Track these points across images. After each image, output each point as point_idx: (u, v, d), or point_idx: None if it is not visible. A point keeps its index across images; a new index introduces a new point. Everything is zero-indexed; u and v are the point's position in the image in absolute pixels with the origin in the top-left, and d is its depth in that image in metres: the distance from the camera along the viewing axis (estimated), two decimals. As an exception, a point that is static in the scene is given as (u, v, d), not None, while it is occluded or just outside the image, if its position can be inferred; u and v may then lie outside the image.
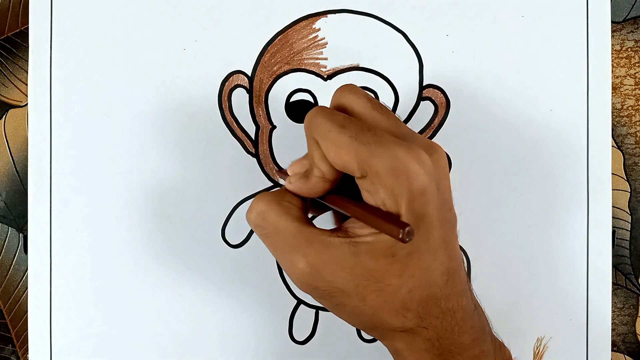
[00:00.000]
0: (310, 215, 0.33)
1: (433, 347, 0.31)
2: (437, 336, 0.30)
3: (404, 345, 0.31)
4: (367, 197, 0.29)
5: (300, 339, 0.41)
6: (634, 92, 0.42)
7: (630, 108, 0.42)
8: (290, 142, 0.41)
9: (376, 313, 0.30)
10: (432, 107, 0.41)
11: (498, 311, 0.41)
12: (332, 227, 0.31)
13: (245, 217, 0.32)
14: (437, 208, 0.29)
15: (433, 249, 0.29)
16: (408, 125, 0.41)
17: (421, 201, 0.28)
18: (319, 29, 0.41)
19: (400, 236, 0.26)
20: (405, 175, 0.28)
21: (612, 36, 0.42)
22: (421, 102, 0.41)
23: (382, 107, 0.31)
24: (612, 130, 0.42)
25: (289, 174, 0.33)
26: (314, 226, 0.30)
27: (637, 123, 0.42)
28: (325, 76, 0.41)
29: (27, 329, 0.41)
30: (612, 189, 0.41)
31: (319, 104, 0.41)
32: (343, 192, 0.31)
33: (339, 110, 0.31)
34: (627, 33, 0.42)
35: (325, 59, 0.41)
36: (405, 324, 0.30)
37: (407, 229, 0.26)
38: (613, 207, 0.42)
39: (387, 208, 0.28)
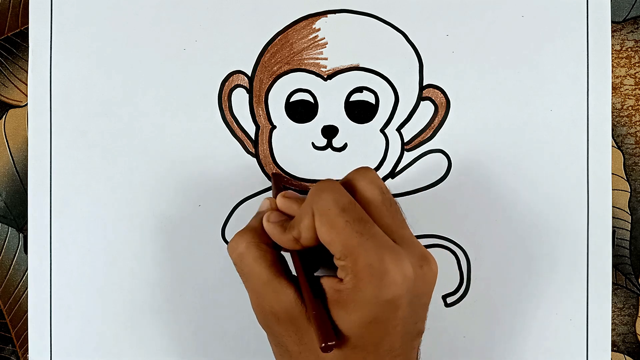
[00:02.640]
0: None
1: None
2: None
3: None
4: (339, 272, 0.30)
5: (300, 339, 0.41)
6: (634, 92, 0.42)
7: (630, 108, 0.42)
8: (290, 142, 0.41)
9: None
10: (432, 107, 0.41)
11: (498, 311, 0.41)
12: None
13: (227, 249, 0.34)
14: (401, 319, 0.30)
15: (379, 355, 0.30)
16: (408, 124, 0.41)
17: (384, 309, 0.29)
18: (319, 29, 0.41)
19: (321, 346, 0.28)
20: (379, 279, 0.28)
21: (612, 36, 0.42)
22: (421, 102, 0.41)
23: (392, 204, 0.32)
24: (612, 130, 0.42)
25: (277, 204, 0.34)
26: (284, 277, 0.32)
27: (637, 123, 0.42)
28: (325, 76, 0.41)
29: (27, 329, 0.41)
30: (612, 189, 0.41)
31: (319, 104, 0.41)
32: (307, 256, 0.33)
33: (349, 187, 0.32)
34: (627, 33, 0.42)
35: (325, 59, 0.41)
36: None
37: (328, 344, 0.28)
38: (613, 207, 0.42)
39: (345, 293, 0.29)
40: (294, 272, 0.33)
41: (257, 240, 0.32)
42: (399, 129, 0.41)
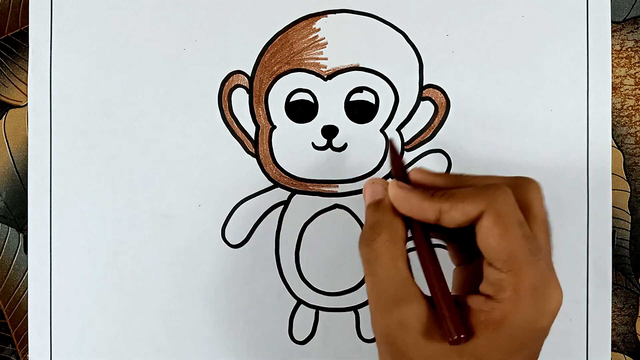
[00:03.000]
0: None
1: None
2: None
3: None
4: (486, 288, 0.28)
5: (300, 339, 0.41)
6: (634, 92, 0.42)
7: (630, 108, 0.42)
8: (290, 142, 0.41)
9: None
10: (432, 107, 0.41)
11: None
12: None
13: (359, 247, 0.30)
14: (538, 346, 0.28)
15: None
16: (408, 124, 0.41)
17: (535, 336, 0.27)
18: (319, 29, 0.41)
19: (451, 338, 0.26)
20: (542, 304, 0.27)
21: (612, 36, 0.42)
22: (421, 102, 0.41)
23: (548, 226, 0.30)
24: (612, 130, 0.42)
25: (411, 177, 0.31)
26: (416, 285, 0.29)
27: (637, 123, 0.42)
28: (325, 76, 0.41)
29: (27, 329, 0.41)
30: (612, 189, 0.41)
31: (319, 104, 0.41)
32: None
33: (519, 193, 0.29)
34: (627, 33, 0.42)
35: (325, 59, 0.41)
36: None
37: (461, 336, 0.25)
38: (613, 207, 0.42)
39: (499, 312, 0.27)
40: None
41: (394, 239, 0.29)
42: (399, 129, 0.41)
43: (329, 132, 0.41)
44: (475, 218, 0.28)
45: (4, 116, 0.42)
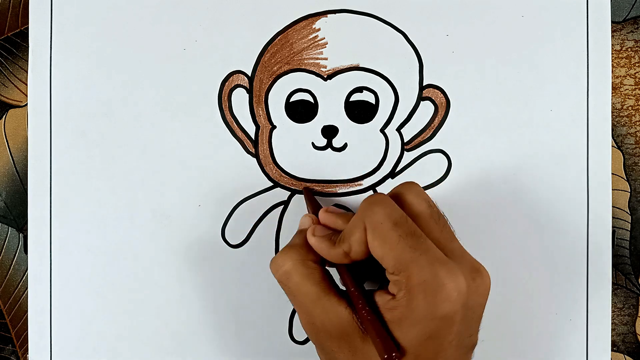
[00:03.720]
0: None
1: None
2: None
3: None
4: (390, 287, 0.30)
5: (300, 339, 0.41)
6: (634, 92, 0.42)
7: (630, 108, 0.42)
8: (290, 142, 0.41)
9: None
10: (432, 107, 0.41)
11: (498, 311, 0.41)
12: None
13: (270, 267, 0.33)
14: (456, 333, 0.29)
15: None
16: (408, 124, 0.41)
17: (439, 324, 0.28)
18: (319, 29, 0.41)
19: (385, 357, 0.28)
20: (433, 295, 0.28)
21: (612, 36, 0.42)
22: (421, 102, 0.41)
23: (440, 218, 0.32)
24: (612, 130, 0.42)
25: (320, 219, 0.35)
26: (333, 292, 0.31)
27: (637, 123, 0.42)
28: (325, 76, 0.41)
29: (27, 329, 0.41)
30: (612, 189, 0.41)
31: (319, 104, 0.41)
32: (355, 269, 0.32)
33: (397, 201, 0.32)
34: (627, 33, 0.42)
35: (325, 59, 0.41)
36: None
37: (393, 354, 0.28)
38: (613, 207, 0.42)
39: (399, 310, 0.29)
40: (341, 287, 0.33)
41: (303, 258, 0.32)
42: (399, 129, 0.41)
43: (329, 132, 0.41)
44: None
45: (4, 116, 0.42)
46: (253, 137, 0.41)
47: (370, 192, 0.41)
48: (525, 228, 0.41)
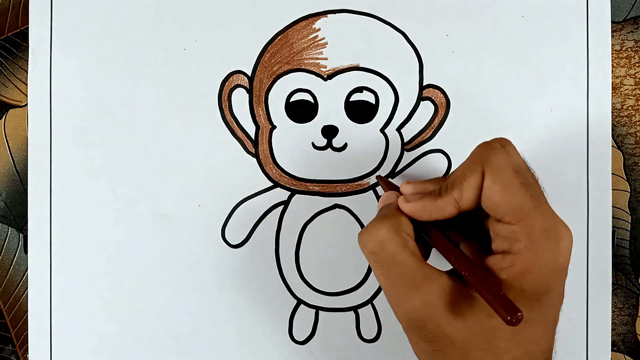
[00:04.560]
0: None
1: None
2: None
3: None
4: (500, 244, 0.28)
5: (300, 339, 0.41)
6: (634, 92, 0.42)
7: (630, 108, 0.42)
8: (290, 142, 0.41)
9: None
10: (432, 107, 0.41)
11: (498, 311, 0.41)
12: (449, 269, 0.30)
13: (359, 241, 0.31)
14: (563, 288, 0.29)
15: (545, 325, 0.29)
16: (408, 124, 0.41)
17: (557, 276, 0.28)
18: (319, 29, 0.41)
19: (508, 319, 0.26)
20: (556, 245, 0.27)
21: (612, 36, 0.42)
22: (421, 102, 0.41)
23: (533, 174, 0.30)
24: (612, 130, 0.42)
25: (402, 191, 0.32)
26: (430, 265, 0.29)
27: (637, 123, 0.42)
28: (325, 76, 0.41)
29: (27, 329, 0.41)
30: (612, 189, 0.41)
31: (319, 104, 0.41)
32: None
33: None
34: (627, 33, 0.42)
35: (325, 59, 0.41)
36: None
37: (518, 315, 0.25)
38: (613, 207, 0.42)
39: (519, 264, 0.27)
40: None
41: (397, 228, 0.30)
42: (399, 129, 0.41)
43: (329, 132, 0.41)
44: (482, 185, 0.29)
45: (4, 116, 0.42)
46: (253, 137, 0.41)
47: (371, 192, 0.41)
48: (525, 228, 0.41)
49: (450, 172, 0.31)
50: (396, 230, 0.30)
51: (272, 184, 0.41)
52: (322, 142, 0.41)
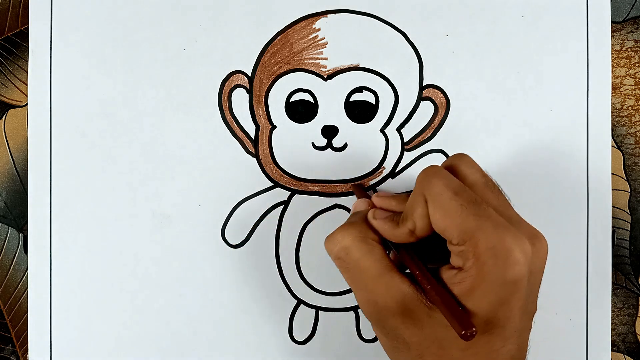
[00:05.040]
0: None
1: None
2: None
3: None
4: (455, 260, 0.29)
5: (300, 339, 0.41)
6: (634, 92, 0.42)
7: (630, 108, 0.42)
8: (290, 142, 0.41)
9: None
10: (432, 107, 0.41)
11: (498, 311, 0.41)
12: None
13: (325, 246, 0.32)
14: (523, 299, 0.29)
15: (505, 337, 0.29)
16: (408, 124, 0.41)
17: (510, 289, 0.28)
18: (319, 29, 0.41)
19: (462, 333, 0.27)
20: (503, 260, 0.28)
21: (612, 36, 0.42)
22: (421, 102, 0.41)
23: (494, 186, 0.32)
24: (612, 130, 0.42)
25: (374, 203, 0.34)
26: (395, 269, 0.31)
27: (637, 123, 0.42)
28: (325, 76, 0.41)
29: (27, 329, 0.41)
30: (612, 189, 0.41)
31: (319, 104, 0.41)
32: (418, 250, 0.32)
33: (450, 172, 0.31)
34: (627, 33, 0.42)
35: (325, 59, 0.41)
36: None
37: (472, 330, 0.27)
38: (613, 207, 0.42)
39: (469, 280, 0.28)
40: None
41: (363, 235, 0.31)
42: (399, 129, 0.41)
43: (329, 132, 0.41)
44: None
45: (4, 116, 0.42)
46: (253, 137, 0.41)
47: (371, 192, 0.41)
48: (525, 228, 0.41)
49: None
50: (362, 237, 0.31)
51: (272, 184, 0.41)
52: (322, 142, 0.41)
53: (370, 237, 0.32)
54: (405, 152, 0.41)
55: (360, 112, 0.41)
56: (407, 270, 0.32)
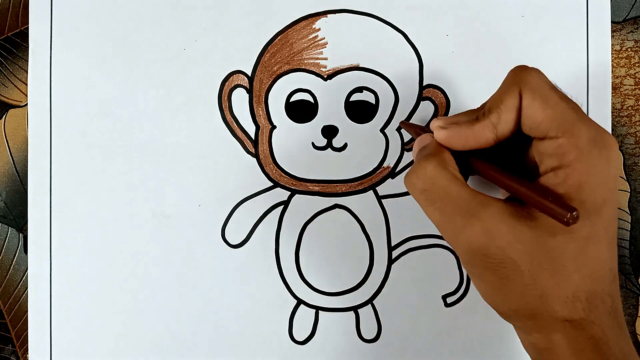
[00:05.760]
0: None
1: (598, 348, 0.28)
2: (603, 335, 0.28)
3: (564, 341, 0.28)
4: (548, 161, 0.28)
5: (300, 339, 0.41)
6: (634, 92, 0.42)
7: (630, 108, 0.42)
8: (290, 142, 0.41)
9: (544, 296, 0.28)
10: (432, 107, 0.41)
11: (498, 311, 0.41)
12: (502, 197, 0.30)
13: (406, 184, 0.31)
14: (617, 201, 0.28)
15: (607, 240, 0.28)
16: (408, 125, 0.41)
17: (612, 186, 0.27)
18: (319, 29, 0.41)
19: (566, 218, 0.25)
20: (607, 152, 0.27)
21: (612, 36, 0.42)
22: (421, 102, 0.41)
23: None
24: (612, 130, 0.42)
25: (432, 127, 0.32)
26: (484, 193, 0.29)
27: (637, 123, 0.42)
28: (325, 76, 0.41)
29: (27, 329, 0.41)
30: (612, 189, 0.41)
31: (319, 104, 0.41)
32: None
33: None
34: (627, 33, 0.42)
35: (325, 59, 0.41)
36: (573, 314, 0.28)
37: (574, 212, 0.25)
38: (613, 207, 0.42)
39: (573, 178, 0.27)
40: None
41: (444, 164, 0.30)
42: (399, 129, 0.41)
43: (329, 132, 0.41)
44: (520, 106, 0.28)
45: (4, 116, 0.42)
46: (253, 137, 0.41)
47: (371, 192, 0.41)
48: (525, 228, 0.41)
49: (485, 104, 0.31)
50: (443, 165, 0.29)
51: (272, 184, 0.41)
52: (322, 142, 0.41)
53: (451, 165, 0.30)
54: (405, 152, 0.41)
55: (360, 112, 0.41)
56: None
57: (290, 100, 0.41)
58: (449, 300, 0.41)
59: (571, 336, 0.28)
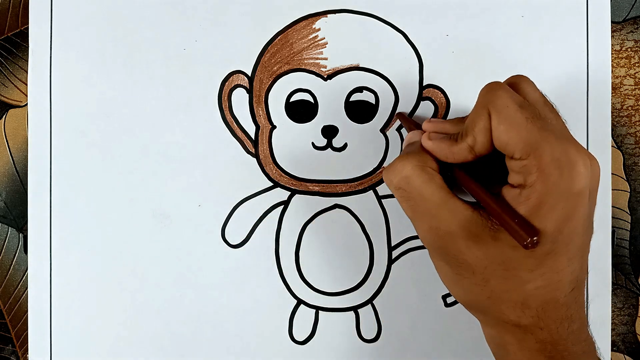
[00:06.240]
0: None
1: (545, 349, 0.30)
2: (551, 340, 0.30)
3: (514, 340, 0.31)
4: (515, 178, 0.29)
5: (300, 339, 0.41)
6: (634, 92, 0.42)
7: (630, 108, 0.42)
8: (290, 142, 0.41)
9: (492, 298, 0.30)
10: (432, 107, 0.41)
11: (498, 311, 0.41)
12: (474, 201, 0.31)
13: (384, 178, 0.32)
14: (586, 214, 0.29)
15: (570, 255, 0.29)
16: (408, 125, 0.41)
17: (575, 202, 0.28)
18: (319, 29, 0.41)
19: (525, 242, 0.26)
20: (568, 171, 0.27)
21: (612, 36, 0.42)
22: (421, 102, 0.41)
23: (553, 107, 0.31)
24: (612, 130, 0.42)
25: (424, 129, 0.34)
26: (456, 197, 0.30)
27: (637, 123, 0.42)
28: (325, 76, 0.41)
29: (27, 329, 0.41)
30: (612, 189, 0.41)
31: (319, 104, 0.41)
32: (472, 174, 0.31)
33: (512, 89, 0.31)
34: (627, 33, 0.42)
35: (325, 59, 0.41)
36: (521, 320, 0.30)
37: (535, 238, 0.26)
38: (613, 207, 0.42)
39: (535, 196, 0.28)
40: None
41: (422, 164, 0.31)
42: (399, 129, 0.41)
43: (329, 132, 0.41)
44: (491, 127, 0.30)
45: (4, 116, 0.42)
46: (253, 137, 0.41)
47: (371, 192, 0.41)
48: (525, 228, 0.41)
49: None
50: (421, 166, 0.31)
51: (272, 184, 0.41)
52: (322, 142, 0.41)
53: (430, 165, 0.31)
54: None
55: (360, 112, 0.41)
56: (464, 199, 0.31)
57: (290, 100, 0.41)
58: (449, 300, 0.41)
59: (519, 338, 0.30)
